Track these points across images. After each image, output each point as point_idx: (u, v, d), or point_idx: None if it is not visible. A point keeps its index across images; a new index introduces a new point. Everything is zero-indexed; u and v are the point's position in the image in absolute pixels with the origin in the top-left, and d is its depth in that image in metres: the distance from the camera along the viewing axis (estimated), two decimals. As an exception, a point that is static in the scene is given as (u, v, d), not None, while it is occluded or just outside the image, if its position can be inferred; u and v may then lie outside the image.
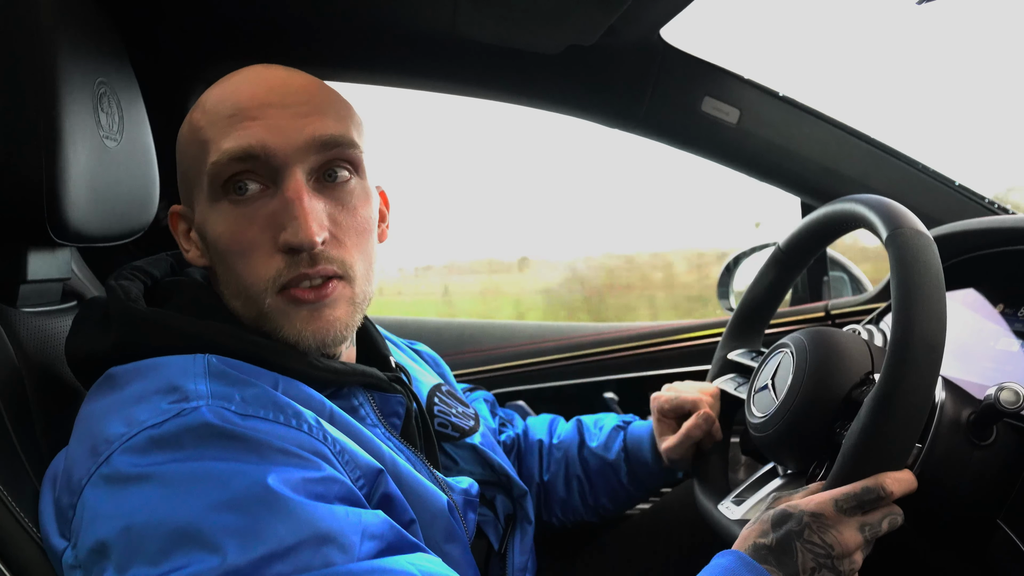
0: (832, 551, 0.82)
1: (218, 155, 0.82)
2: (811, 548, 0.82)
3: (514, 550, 1.12)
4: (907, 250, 0.86)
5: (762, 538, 0.84)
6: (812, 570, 0.81)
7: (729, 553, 0.84)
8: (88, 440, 0.75)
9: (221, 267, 0.88)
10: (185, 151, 0.89)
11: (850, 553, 0.82)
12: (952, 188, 1.65)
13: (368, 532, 0.71)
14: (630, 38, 1.55)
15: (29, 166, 0.90)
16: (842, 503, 0.83)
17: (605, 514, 1.34)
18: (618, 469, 1.30)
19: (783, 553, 0.82)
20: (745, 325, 1.26)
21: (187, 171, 0.90)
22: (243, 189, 0.83)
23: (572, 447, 1.34)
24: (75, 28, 0.97)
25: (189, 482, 0.69)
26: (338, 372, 0.90)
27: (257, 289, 0.84)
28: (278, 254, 0.83)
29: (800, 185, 1.73)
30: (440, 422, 1.08)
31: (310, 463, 0.74)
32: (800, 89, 1.66)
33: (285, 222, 0.82)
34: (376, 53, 1.64)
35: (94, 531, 0.70)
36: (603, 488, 1.31)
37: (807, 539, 0.82)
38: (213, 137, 0.84)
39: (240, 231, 0.84)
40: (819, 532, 0.82)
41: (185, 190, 0.91)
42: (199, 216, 0.88)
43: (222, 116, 0.84)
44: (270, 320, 0.85)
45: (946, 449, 0.88)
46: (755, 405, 1.05)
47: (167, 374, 0.78)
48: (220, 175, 0.83)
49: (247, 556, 0.65)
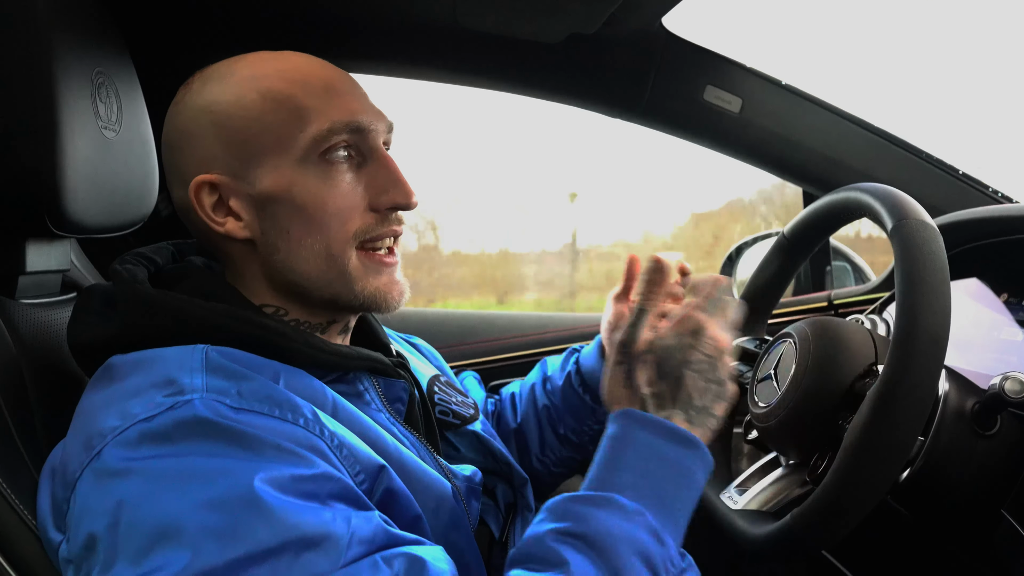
0: (713, 360, 0.85)
1: (329, 124, 0.87)
2: (698, 367, 0.84)
3: (516, 539, 1.11)
4: (912, 242, 0.85)
5: (651, 387, 0.85)
6: (702, 389, 0.84)
7: (620, 416, 0.84)
8: (83, 433, 0.75)
9: (298, 229, 0.88)
10: (254, 117, 0.87)
11: (723, 352, 0.86)
12: (956, 177, 1.64)
13: (357, 537, 0.70)
14: (632, 26, 1.54)
15: (27, 157, 0.89)
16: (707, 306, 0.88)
17: (578, 439, 1.30)
18: (571, 381, 1.30)
19: (676, 388, 0.84)
20: (750, 312, 1.25)
21: (253, 136, 0.87)
22: (336, 155, 0.89)
23: (537, 385, 1.35)
24: (72, 18, 0.97)
25: (175, 479, 0.68)
26: (344, 356, 0.90)
27: (343, 242, 0.89)
28: (368, 213, 0.91)
29: (803, 174, 1.72)
30: (441, 410, 1.08)
31: (303, 460, 0.73)
32: (803, 78, 1.66)
33: (387, 185, 0.91)
34: (376, 43, 1.63)
35: (84, 526, 0.70)
36: (566, 408, 1.30)
37: (692, 360, 0.84)
38: (316, 106, 0.88)
39: (338, 192, 0.89)
40: (701, 348, 0.85)
41: (231, 158, 0.88)
42: (271, 180, 0.87)
43: (315, 88, 0.89)
44: (348, 276, 0.90)
45: (950, 439, 0.88)
46: (758, 395, 1.05)
47: (164, 367, 0.77)
48: (324, 142, 0.88)
49: (223, 556, 0.64)
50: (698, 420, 0.84)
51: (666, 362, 0.84)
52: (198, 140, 0.88)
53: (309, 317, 0.94)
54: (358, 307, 0.94)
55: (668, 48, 1.62)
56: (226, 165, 0.88)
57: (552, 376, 1.34)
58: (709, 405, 0.84)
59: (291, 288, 0.91)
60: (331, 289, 0.91)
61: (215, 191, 0.88)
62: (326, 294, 0.91)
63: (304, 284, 0.90)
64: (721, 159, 1.74)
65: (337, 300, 0.92)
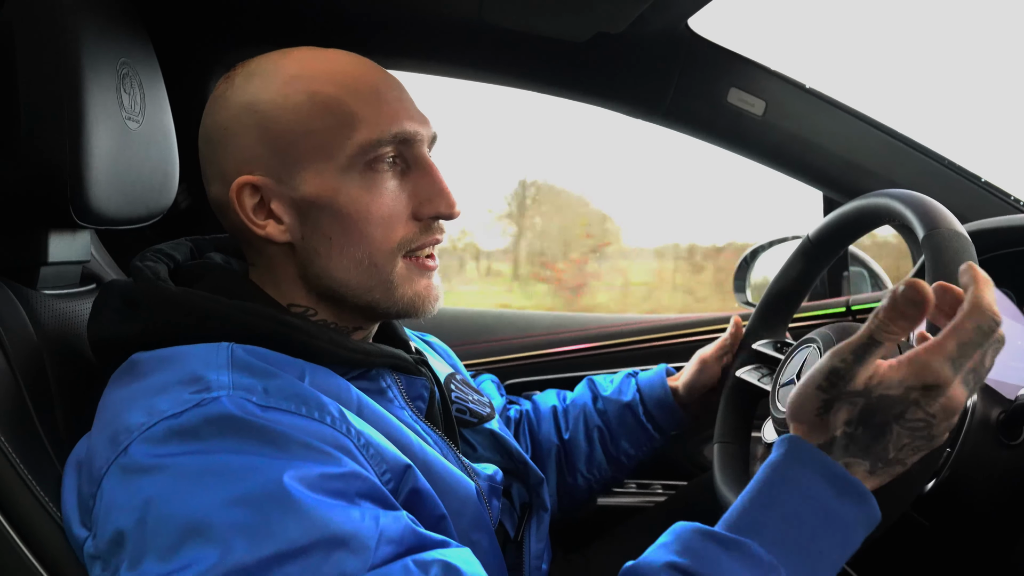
0: (934, 419, 0.71)
1: (378, 134, 0.86)
2: (911, 425, 0.71)
3: (531, 538, 1.12)
4: (944, 251, 0.85)
5: (840, 428, 0.73)
6: (906, 446, 0.72)
7: (787, 446, 0.74)
8: (109, 429, 0.74)
9: (340, 236, 0.87)
10: (301, 120, 0.86)
11: (955, 412, 0.71)
12: (978, 185, 1.64)
13: (386, 536, 0.69)
14: (658, 27, 1.53)
15: (53, 148, 0.89)
16: (958, 358, 0.70)
17: (629, 462, 1.33)
18: (635, 409, 1.31)
19: (875, 440, 0.72)
20: (770, 315, 1.25)
21: (299, 140, 0.86)
22: (383, 164, 0.88)
23: (587, 401, 1.36)
24: (97, 8, 0.96)
25: (204, 475, 0.68)
26: (368, 352, 0.90)
27: (388, 253, 0.89)
28: (411, 222, 0.90)
29: (824, 179, 1.71)
30: (459, 408, 1.08)
31: (331, 458, 0.72)
32: (826, 81, 1.65)
33: (432, 196, 0.90)
34: (401, 39, 1.63)
35: (111, 522, 0.69)
36: (622, 432, 1.32)
37: (909, 418, 0.71)
38: (364, 114, 0.87)
39: (382, 201, 0.88)
40: (925, 407, 0.70)
41: (274, 160, 0.87)
42: (314, 185, 0.86)
43: (365, 94, 0.88)
44: (391, 284, 0.90)
45: (975, 449, 0.87)
46: (780, 400, 1.04)
47: (190, 364, 0.77)
48: (371, 151, 0.87)
49: (255, 554, 0.64)
50: (882, 471, 0.73)
51: (878, 413, 0.71)
52: (240, 139, 0.87)
53: (337, 319, 0.93)
54: (394, 314, 0.93)
55: (692, 49, 1.61)
56: (269, 167, 0.87)
57: (608, 398, 1.34)
58: (904, 458, 0.73)
59: (327, 293, 0.90)
60: (370, 296, 0.90)
61: (256, 192, 0.87)
62: (363, 301, 0.90)
63: (341, 291, 0.90)
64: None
65: (375, 307, 0.91)
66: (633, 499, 1.75)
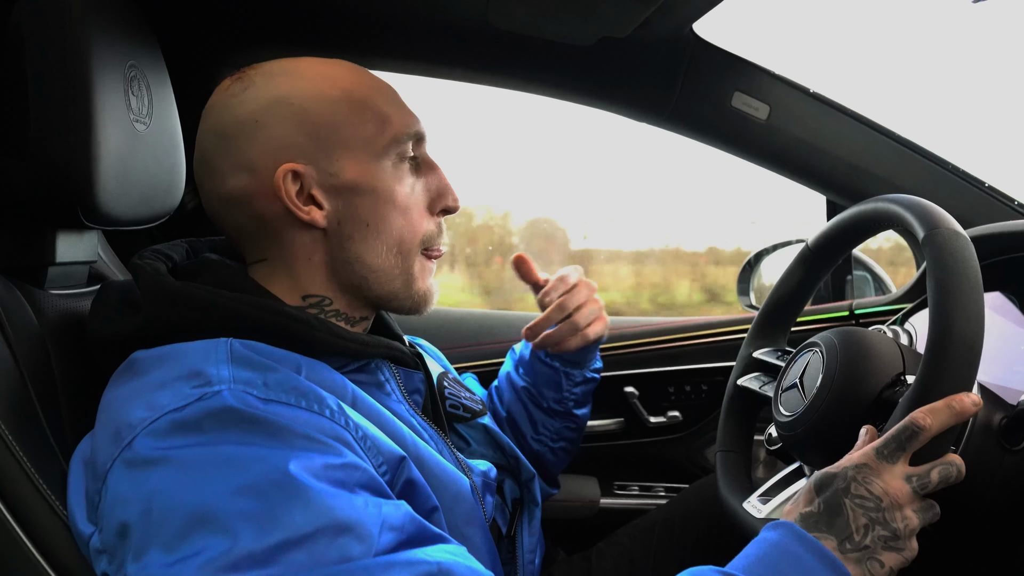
0: (881, 503, 0.79)
1: (405, 130, 0.94)
2: (860, 503, 0.79)
3: (523, 533, 1.14)
4: (945, 251, 0.85)
5: (808, 506, 0.82)
6: (865, 527, 0.79)
7: (779, 525, 0.82)
8: (111, 426, 0.75)
9: (376, 221, 0.92)
10: (340, 112, 0.91)
11: (900, 505, 0.79)
12: (981, 189, 1.64)
13: (388, 524, 0.71)
14: (663, 31, 1.54)
15: (62, 148, 0.90)
16: (882, 448, 0.81)
17: (563, 407, 1.35)
18: (540, 356, 1.34)
19: (833, 515, 0.80)
20: (771, 324, 1.25)
21: (338, 129, 0.90)
22: (405, 159, 0.95)
23: (511, 371, 1.40)
24: (105, 11, 0.97)
25: (208, 466, 0.69)
26: (366, 343, 0.92)
27: (413, 243, 0.96)
28: (429, 216, 0.98)
29: (828, 183, 1.72)
30: (451, 403, 1.10)
31: (331, 449, 0.74)
32: (830, 86, 1.65)
33: (441, 191, 0.98)
34: (407, 42, 1.63)
35: (117, 514, 0.70)
36: (543, 382, 1.34)
37: (855, 494, 0.80)
38: (391, 112, 0.94)
39: (410, 192, 0.95)
40: (865, 484, 0.80)
41: (314, 148, 0.90)
42: (354, 172, 0.91)
43: (388, 95, 0.95)
44: (411, 276, 0.96)
45: (977, 453, 0.88)
46: (783, 404, 1.05)
47: (189, 360, 0.78)
48: (399, 144, 0.94)
49: (262, 542, 0.65)
50: (853, 555, 0.78)
51: (825, 488, 0.82)
52: (274, 129, 0.89)
53: (348, 310, 0.96)
54: (407, 307, 0.98)
55: (697, 53, 1.61)
56: (308, 155, 0.90)
57: (522, 356, 1.38)
58: (874, 549, 0.79)
59: (350, 279, 0.94)
60: (392, 285, 0.95)
61: (298, 179, 0.89)
62: (384, 290, 0.95)
63: (368, 276, 0.94)
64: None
65: (391, 297, 0.96)
66: (635, 501, 1.76)
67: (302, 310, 0.89)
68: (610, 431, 1.80)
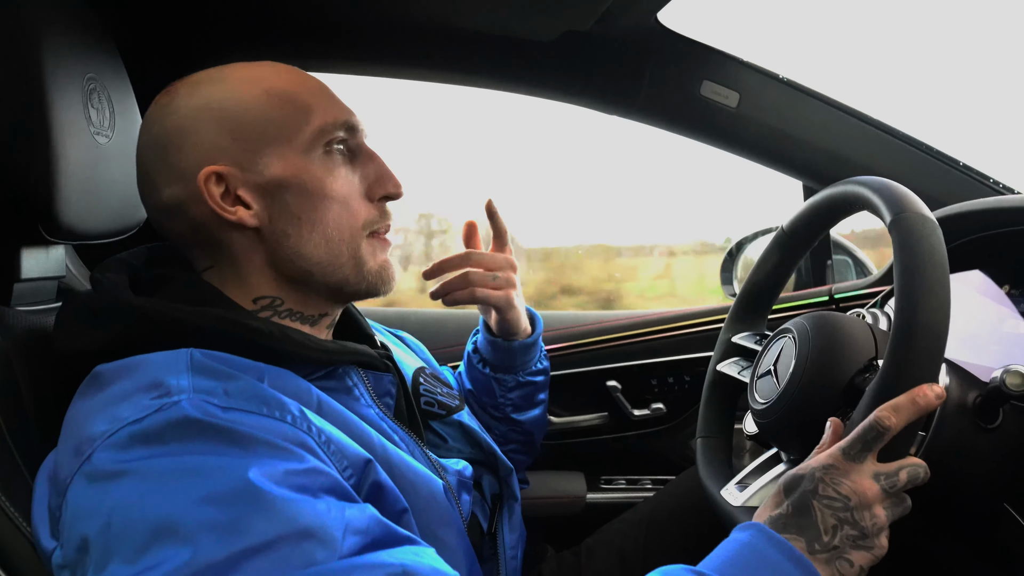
0: (849, 502, 0.79)
1: (331, 118, 0.94)
2: (828, 504, 0.80)
3: (504, 529, 1.14)
4: (911, 236, 0.84)
5: (777, 508, 0.83)
6: (834, 528, 0.79)
7: (748, 526, 0.82)
8: (73, 440, 0.75)
9: (309, 215, 0.92)
10: (261, 110, 0.91)
11: (869, 504, 0.80)
12: (957, 169, 1.64)
13: (352, 527, 0.70)
14: (626, 22, 1.53)
15: (20, 164, 0.89)
16: (848, 449, 0.81)
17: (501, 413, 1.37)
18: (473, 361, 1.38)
19: (801, 515, 0.80)
20: (749, 308, 1.25)
21: (260, 127, 0.91)
22: (334, 148, 0.95)
23: (462, 373, 1.43)
24: (63, 24, 0.96)
25: (169, 477, 0.68)
26: (330, 351, 0.92)
27: (355, 230, 0.95)
28: (369, 203, 0.97)
29: (802, 169, 1.72)
30: (426, 400, 1.10)
31: (293, 455, 0.73)
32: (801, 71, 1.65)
33: (379, 178, 0.98)
34: (370, 44, 1.63)
35: (77, 529, 0.70)
36: (480, 389, 1.37)
37: (822, 494, 0.80)
38: (316, 103, 0.94)
39: (342, 181, 0.94)
40: (832, 484, 0.80)
41: (237, 148, 0.90)
42: (279, 168, 0.90)
43: (313, 89, 0.95)
44: (359, 260, 0.95)
45: (952, 433, 0.87)
46: (757, 391, 1.04)
47: (150, 371, 0.77)
48: (326, 135, 0.93)
49: (223, 551, 0.64)
50: (822, 556, 0.79)
51: (794, 490, 0.83)
52: (198, 135, 0.89)
53: (303, 308, 0.95)
54: (363, 291, 0.97)
55: (664, 43, 1.61)
56: (232, 156, 0.90)
57: (464, 360, 1.41)
58: (843, 549, 0.79)
59: (296, 276, 0.93)
60: (340, 273, 0.95)
61: (222, 182, 0.90)
62: (333, 280, 0.94)
63: (312, 270, 0.93)
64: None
65: (343, 285, 0.95)
66: (622, 495, 1.75)
67: (265, 320, 0.88)
68: (594, 426, 1.80)
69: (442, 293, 1.25)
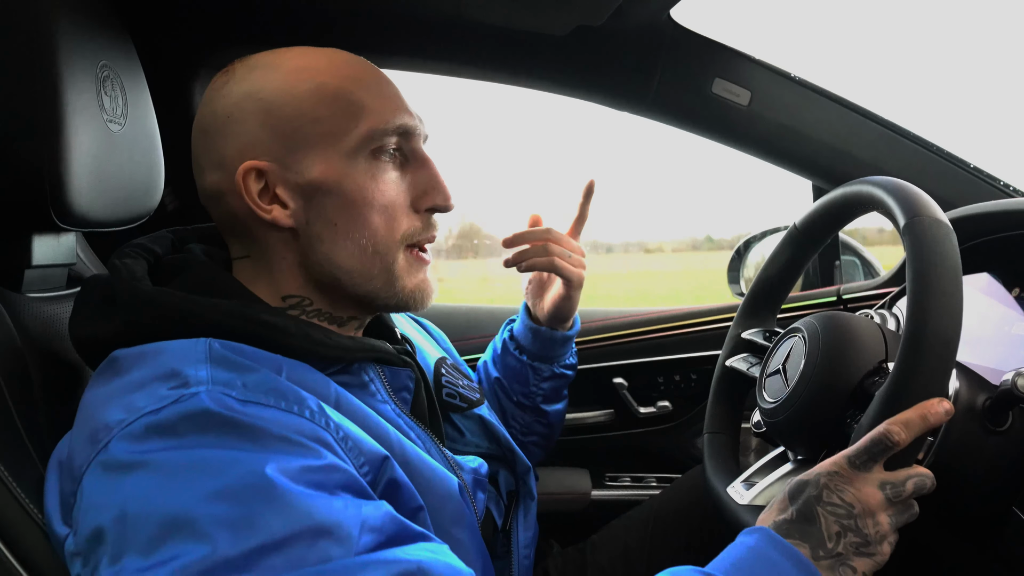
0: (853, 510, 0.80)
1: (384, 124, 0.90)
2: (832, 510, 0.80)
3: (518, 526, 1.13)
4: (924, 240, 0.84)
5: (782, 513, 0.83)
6: (837, 535, 0.80)
7: (755, 530, 0.82)
8: (88, 427, 0.74)
9: (345, 222, 0.89)
10: (308, 107, 0.88)
11: (873, 512, 0.80)
12: (966, 170, 1.63)
13: (368, 525, 0.69)
14: (639, 18, 1.53)
15: (31, 151, 0.89)
16: (854, 459, 0.82)
17: (531, 402, 1.37)
18: (509, 348, 1.37)
19: (805, 522, 0.81)
20: (759, 304, 1.24)
21: (304, 126, 0.88)
22: (385, 154, 0.91)
23: (488, 361, 1.43)
24: (76, 11, 0.96)
25: (185, 470, 0.68)
26: (347, 348, 0.90)
27: (391, 242, 0.91)
28: (414, 214, 0.93)
29: (812, 168, 1.71)
30: (448, 392, 1.09)
31: (310, 451, 0.72)
32: (812, 70, 1.65)
33: (428, 188, 0.94)
34: (382, 36, 1.63)
35: (91, 519, 0.69)
36: (512, 376, 1.37)
37: (827, 501, 0.81)
38: (370, 104, 0.89)
39: (386, 189, 0.91)
40: (837, 492, 0.81)
41: (279, 145, 0.88)
42: (320, 170, 0.88)
43: (369, 86, 0.91)
44: (393, 274, 0.92)
45: (961, 436, 0.87)
46: (766, 390, 1.04)
47: (168, 360, 0.76)
48: (375, 140, 0.89)
49: (239, 547, 0.63)
50: (826, 563, 0.79)
51: (798, 496, 0.83)
52: (243, 125, 0.88)
53: (332, 309, 0.94)
54: (393, 306, 0.95)
55: (676, 40, 1.61)
56: (273, 152, 0.88)
57: (495, 348, 1.39)
58: (847, 556, 0.80)
59: (326, 280, 0.91)
60: (371, 285, 0.92)
61: (261, 178, 0.88)
62: (363, 290, 0.92)
63: (343, 278, 0.91)
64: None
65: (373, 297, 0.93)
66: (627, 492, 1.75)
67: (282, 313, 0.88)
68: (600, 423, 1.80)
69: (519, 260, 1.25)
